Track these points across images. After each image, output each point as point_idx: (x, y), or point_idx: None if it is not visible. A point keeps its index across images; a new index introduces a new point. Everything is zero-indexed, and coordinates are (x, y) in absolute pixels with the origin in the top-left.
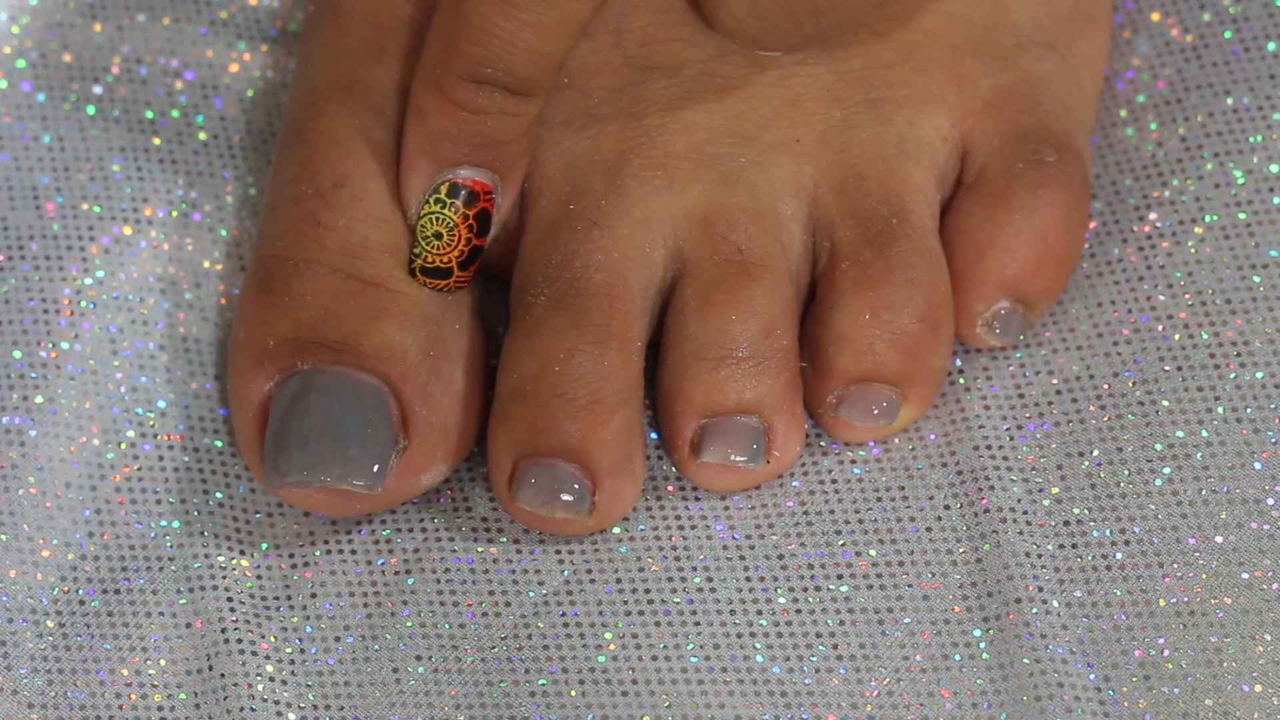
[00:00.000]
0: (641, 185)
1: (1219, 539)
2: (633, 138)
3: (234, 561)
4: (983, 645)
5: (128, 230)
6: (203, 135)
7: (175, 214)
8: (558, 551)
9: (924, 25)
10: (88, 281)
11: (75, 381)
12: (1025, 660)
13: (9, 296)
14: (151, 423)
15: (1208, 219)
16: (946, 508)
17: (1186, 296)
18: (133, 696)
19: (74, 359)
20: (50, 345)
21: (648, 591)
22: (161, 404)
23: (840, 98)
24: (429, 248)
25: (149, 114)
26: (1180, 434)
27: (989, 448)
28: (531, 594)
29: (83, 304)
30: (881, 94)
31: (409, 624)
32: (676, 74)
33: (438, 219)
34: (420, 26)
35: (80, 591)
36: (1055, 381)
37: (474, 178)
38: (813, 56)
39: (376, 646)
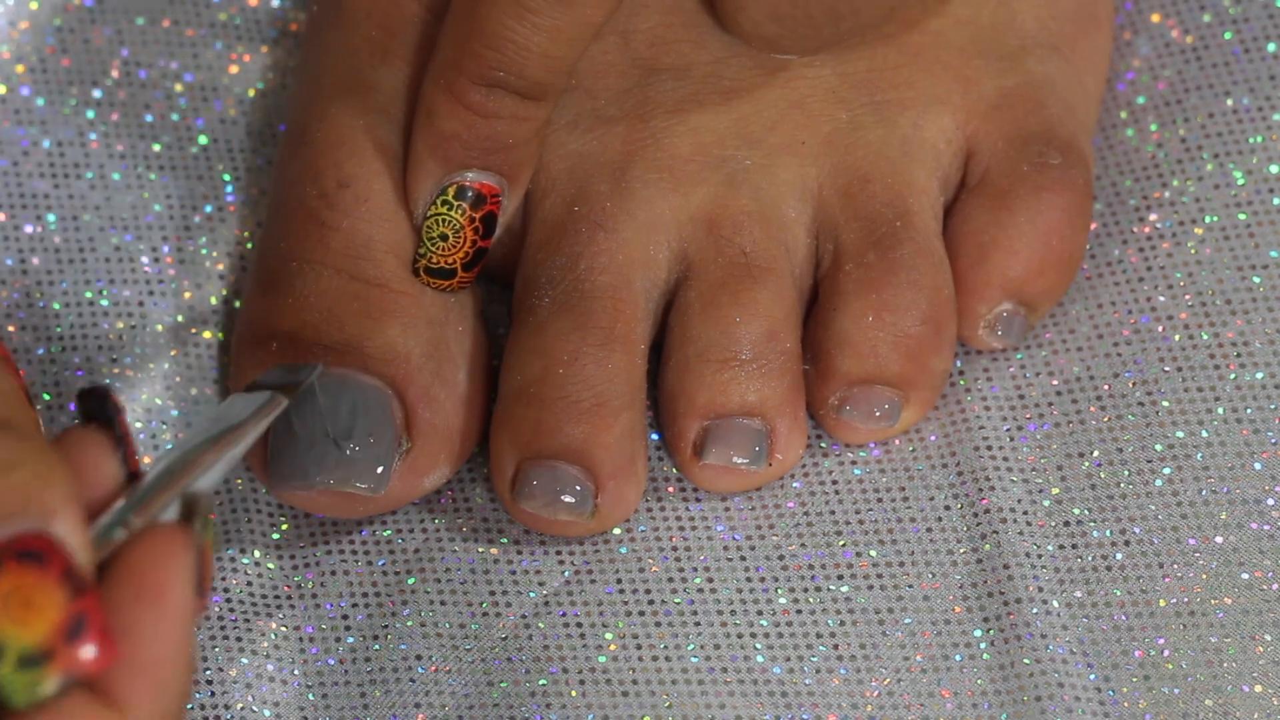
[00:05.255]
0: (647, 187)
1: (1219, 539)
2: (639, 139)
3: (234, 561)
4: (983, 645)
5: (128, 235)
6: (203, 138)
7: (176, 216)
8: (558, 552)
9: (930, 27)
10: (88, 286)
11: (73, 387)
12: (1025, 660)
13: (11, 299)
14: (152, 424)
15: (1208, 220)
16: (947, 508)
17: (1187, 297)
18: None
19: (74, 364)
20: (50, 352)
21: (648, 592)
22: (161, 405)
23: (846, 100)
24: (434, 249)
25: (149, 117)
26: (1180, 434)
27: (989, 448)
28: (532, 594)
29: (82, 309)
30: (887, 96)
31: (409, 624)
32: (684, 76)
33: (444, 220)
34: (426, 27)
35: None
36: (1056, 382)
37: (481, 180)
38: (819, 59)
39: (377, 646)
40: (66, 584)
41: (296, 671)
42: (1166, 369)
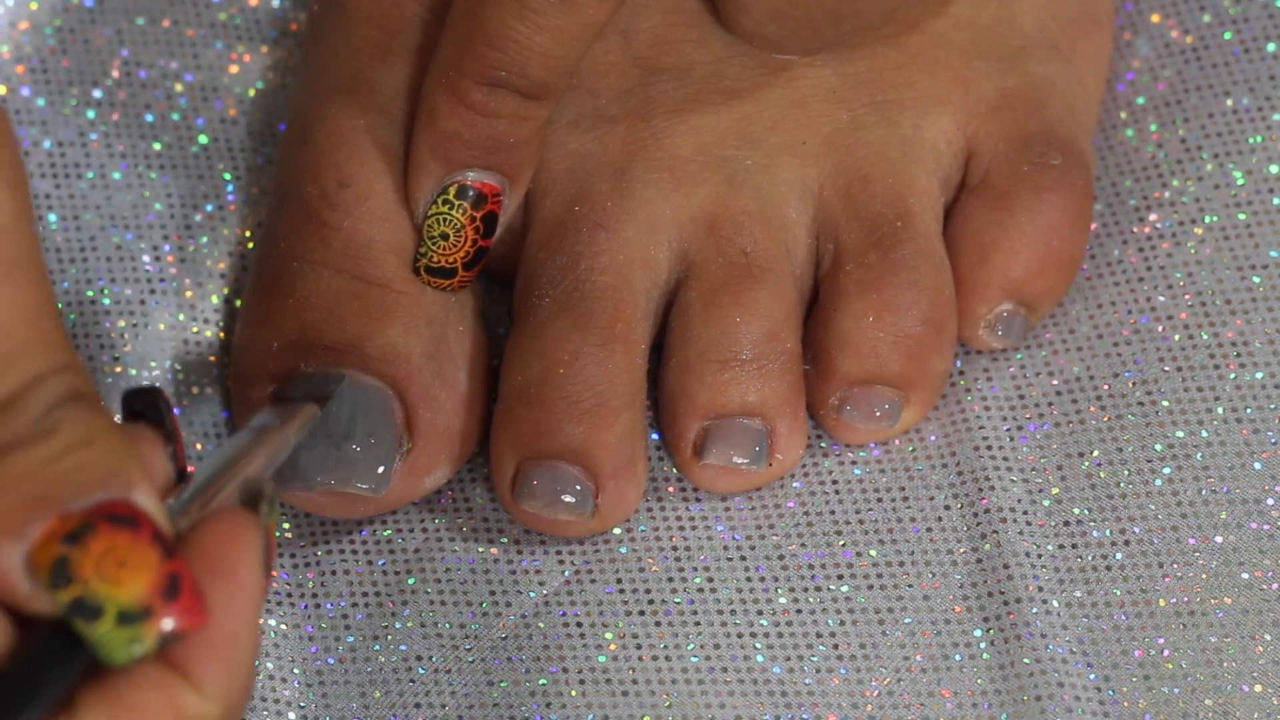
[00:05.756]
0: (647, 187)
1: (1219, 539)
2: (639, 139)
3: None
4: (983, 645)
5: (129, 234)
6: (203, 138)
7: (176, 217)
8: (558, 552)
9: (931, 28)
10: (89, 285)
11: None
12: (1025, 660)
13: None
14: None
15: (1208, 220)
16: (947, 508)
17: (1186, 297)
18: None
19: None
20: None
21: (648, 592)
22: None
23: (846, 100)
24: (435, 248)
25: (149, 117)
26: (1180, 434)
27: (989, 448)
28: (532, 594)
29: (84, 308)
30: (888, 96)
31: (410, 624)
32: (685, 76)
33: (445, 220)
34: (427, 26)
35: None
36: (1055, 382)
37: (482, 180)
38: (820, 59)
39: (377, 646)
40: (158, 545)
41: (296, 671)
42: (1166, 369)
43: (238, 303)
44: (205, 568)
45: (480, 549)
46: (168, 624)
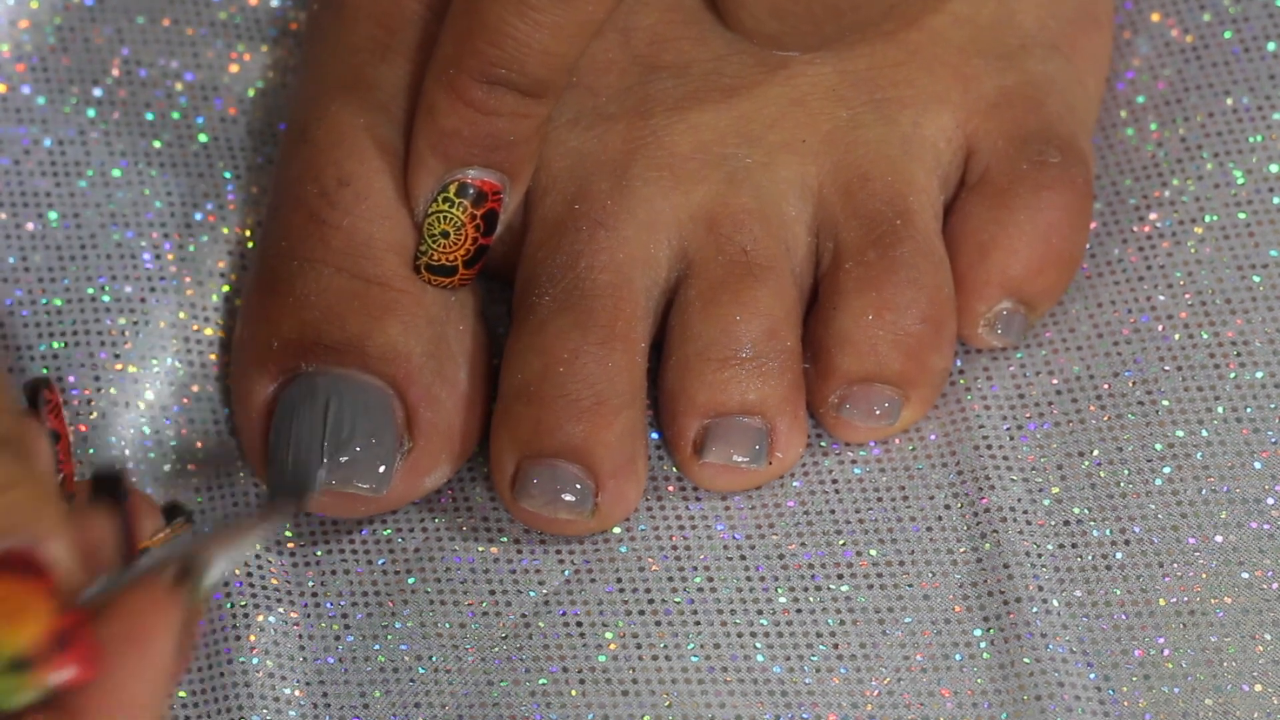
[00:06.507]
0: (647, 185)
1: (1219, 539)
2: (639, 137)
3: None
4: (983, 645)
5: (129, 232)
6: (203, 136)
7: (177, 215)
8: (558, 551)
9: (930, 25)
10: (90, 283)
11: (76, 383)
12: (1025, 660)
13: (14, 296)
14: (154, 420)
15: (1208, 219)
16: (947, 507)
17: (1186, 296)
18: None
19: (77, 361)
20: (52, 349)
21: (648, 591)
22: (163, 401)
23: (846, 98)
24: (435, 246)
25: (149, 116)
26: (1180, 434)
27: (989, 447)
28: (532, 593)
29: (84, 306)
30: (887, 94)
31: (409, 624)
32: (684, 73)
33: (445, 218)
34: (427, 24)
35: None
36: (1055, 381)
37: (483, 178)
38: (819, 56)
39: (376, 646)
40: (56, 598)
41: (296, 671)
42: (1166, 368)
43: (238, 301)
44: (120, 630)
45: (480, 549)
46: (55, 676)
